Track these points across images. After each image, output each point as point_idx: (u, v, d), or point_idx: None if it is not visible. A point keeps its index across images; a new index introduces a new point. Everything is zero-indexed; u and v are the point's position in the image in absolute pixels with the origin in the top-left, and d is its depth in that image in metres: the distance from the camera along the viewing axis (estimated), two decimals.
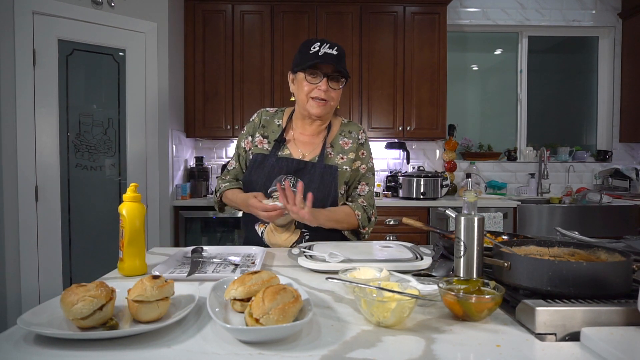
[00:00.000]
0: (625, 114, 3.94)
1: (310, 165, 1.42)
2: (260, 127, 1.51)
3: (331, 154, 1.47)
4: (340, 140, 1.49)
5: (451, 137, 3.84)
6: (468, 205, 0.93)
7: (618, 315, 0.70)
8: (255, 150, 1.49)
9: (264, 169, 1.43)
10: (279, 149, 1.46)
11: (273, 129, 1.51)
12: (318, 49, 1.33)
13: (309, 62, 1.33)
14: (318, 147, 1.47)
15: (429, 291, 0.87)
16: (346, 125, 1.53)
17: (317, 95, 1.36)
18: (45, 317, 0.74)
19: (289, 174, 1.42)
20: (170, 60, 3.13)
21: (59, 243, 2.63)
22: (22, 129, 2.47)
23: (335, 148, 1.48)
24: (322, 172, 1.42)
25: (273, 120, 1.53)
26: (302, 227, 1.44)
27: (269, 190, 1.42)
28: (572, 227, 2.58)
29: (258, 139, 1.50)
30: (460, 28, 3.98)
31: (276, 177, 1.41)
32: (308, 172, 1.41)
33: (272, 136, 1.49)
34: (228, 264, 1.18)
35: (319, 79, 1.35)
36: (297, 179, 1.41)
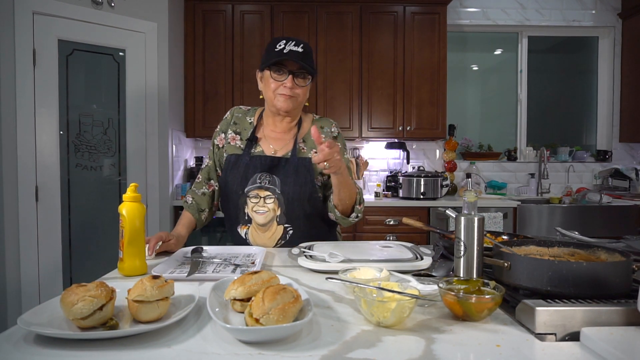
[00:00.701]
0: (625, 114, 3.94)
1: (284, 161, 1.43)
2: (232, 124, 1.53)
3: (304, 149, 1.48)
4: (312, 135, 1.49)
5: (451, 137, 3.84)
6: (468, 205, 0.93)
7: (618, 315, 0.70)
8: (228, 149, 1.49)
9: (238, 169, 1.43)
10: (251, 147, 1.46)
11: (245, 126, 1.52)
12: (284, 46, 1.34)
13: (275, 58, 1.34)
14: (290, 143, 1.48)
15: (429, 291, 0.87)
16: (318, 121, 1.54)
17: (283, 92, 1.38)
18: (45, 317, 0.74)
19: (264, 171, 1.42)
20: (170, 60, 3.13)
21: (59, 243, 2.63)
22: (22, 129, 2.47)
23: (308, 143, 1.49)
24: (296, 166, 1.42)
25: (245, 117, 1.54)
26: (283, 223, 1.44)
27: (246, 190, 1.42)
28: (572, 227, 2.58)
29: (231, 136, 1.50)
30: (460, 28, 3.98)
31: (251, 175, 1.42)
32: (282, 167, 1.42)
33: (245, 134, 1.50)
34: (228, 264, 1.18)
35: (284, 76, 1.37)
36: (272, 175, 1.42)
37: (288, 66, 1.36)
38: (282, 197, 1.41)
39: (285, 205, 1.42)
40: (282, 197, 1.41)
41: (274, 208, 1.42)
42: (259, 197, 1.42)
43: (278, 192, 1.41)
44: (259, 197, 1.42)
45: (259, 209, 1.42)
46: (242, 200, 1.44)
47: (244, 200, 1.44)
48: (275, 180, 1.41)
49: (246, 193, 1.42)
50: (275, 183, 1.41)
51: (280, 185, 1.41)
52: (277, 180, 1.41)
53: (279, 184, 1.41)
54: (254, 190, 1.42)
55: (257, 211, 1.43)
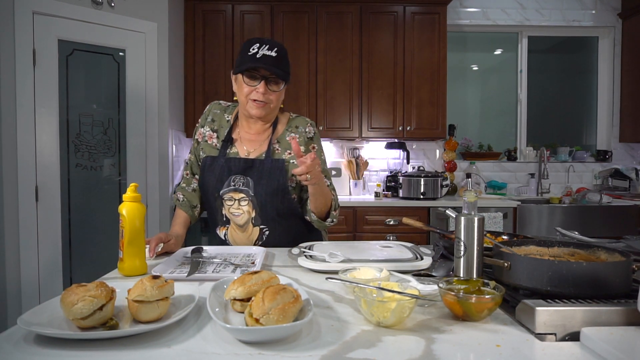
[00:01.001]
0: (625, 114, 3.94)
1: (258, 163, 1.41)
2: (210, 121, 1.51)
3: (278, 149, 1.46)
4: (287, 136, 1.47)
5: (451, 137, 3.84)
6: (468, 205, 0.93)
7: (618, 315, 0.70)
8: (205, 146, 1.48)
9: (214, 171, 1.42)
10: (227, 148, 1.45)
11: (222, 124, 1.50)
12: (257, 50, 1.31)
13: (247, 64, 1.31)
14: (264, 144, 1.46)
15: (429, 291, 0.87)
16: (293, 121, 1.51)
17: (255, 97, 1.35)
18: (46, 317, 0.74)
19: (238, 173, 1.41)
20: (170, 60, 3.13)
21: (59, 243, 2.63)
22: (22, 129, 2.47)
23: (282, 144, 1.46)
24: (270, 167, 1.41)
25: (223, 114, 1.52)
26: (259, 225, 1.45)
27: (221, 192, 1.42)
28: (572, 227, 2.58)
29: (208, 134, 1.49)
30: (460, 28, 3.98)
31: (226, 178, 1.41)
32: (256, 169, 1.41)
33: (222, 132, 1.49)
34: (228, 264, 1.18)
35: (257, 81, 1.33)
36: (245, 177, 1.41)
37: (261, 71, 1.32)
38: (255, 199, 1.40)
39: (259, 207, 1.42)
40: (255, 199, 1.40)
41: (249, 210, 1.42)
42: (233, 199, 1.42)
43: (251, 194, 1.40)
44: (234, 199, 1.42)
45: (234, 211, 1.43)
46: (219, 203, 1.44)
47: (220, 203, 1.44)
48: (249, 182, 1.41)
49: (221, 195, 1.42)
50: (248, 185, 1.41)
51: (253, 187, 1.40)
52: (251, 182, 1.40)
53: (252, 186, 1.40)
54: (229, 192, 1.42)
55: (233, 213, 1.43)
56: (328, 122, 3.53)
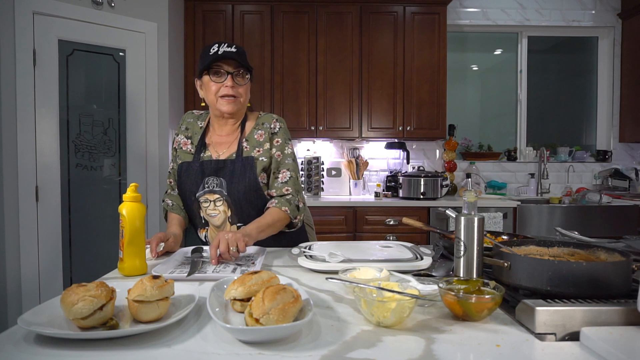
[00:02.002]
0: (625, 114, 3.94)
1: (229, 163, 1.45)
2: (184, 130, 1.56)
3: (247, 147, 1.48)
4: (255, 134, 1.50)
5: (451, 137, 3.84)
6: (468, 205, 0.93)
7: (618, 315, 0.70)
8: (181, 154, 1.53)
9: (190, 175, 1.46)
10: (200, 153, 1.49)
11: (196, 131, 1.55)
12: (217, 49, 1.37)
13: (209, 61, 1.37)
14: (233, 144, 1.49)
15: (429, 291, 0.87)
16: (260, 118, 1.54)
17: (224, 92, 1.39)
18: (46, 317, 0.74)
19: (211, 175, 1.45)
20: (170, 60, 3.13)
21: (59, 243, 2.63)
22: (22, 129, 2.47)
23: (250, 142, 1.49)
24: (241, 165, 1.44)
25: (196, 122, 1.58)
26: (236, 223, 1.47)
27: (197, 195, 1.45)
28: (572, 227, 2.58)
29: (183, 141, 1.54)
30: (460, 28, 3.99)
31: (201, 181, 1.44)
32: (228, 169, 1.44)
33: (195, 138, 1.54)
34: (228, 264, 1.18)
35: (223, 77, 1.39)
36: (219, 178, 1.44)
37: (224, 67, 1.38)
38: (229, 198, 1.43)
39: (234, 206, 1.44)
40: (229, 198, 1.43)
41: (225, 210, 1.45)
42: (208, 200, 1.45)
43: (225, 193, 1.43)
44: (209, 200, 1.45)
45: (211, 212, 1.46)
46: (196, 206, 1.47)
47: (197, 205, 1.47)
48: (222, 182, 1.44)
49: (197, 198, 1.46)
50: (222, 185, 1.44)
51: (226, 187, 1.43)
52: (224, 182, 1.44)
53: (225, 186, 1.43)
54: (204, 194, 1.45)
55: (210, 214, 1.46)
56: (328, 122, 3.53)
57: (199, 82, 1.49)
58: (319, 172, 3.59)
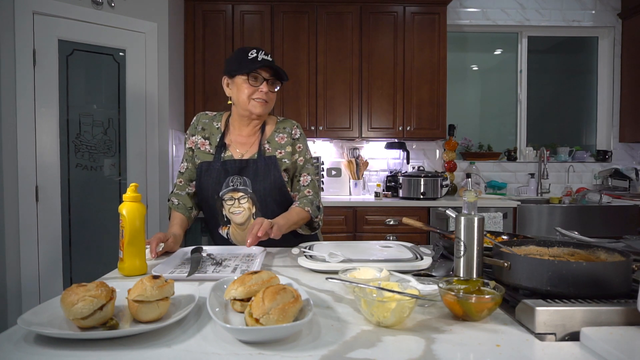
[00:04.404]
0: (625, 114, 3.94)
1: (251, 162, 1.51)
2: (200, 130, 1.59)
3: (269, 149, 1.55)
4: (276, 137, 1.57)
5: (451, 137, 3.84)
6: (468, 205, 0.93)
7: (618, 315, 0.70)
8: (199, 153, 1.56)
9: (211, 174, 1.51)
10: (221, 153, 1.54)
11: (212, 132, 1.59)
12: (256, 55, 1.44)
13: (250, 67, 1.43)
14: (255, 145, 1.55)
15: (429, 291, 0.87)
16: (281, 123, 1.61)
17: (258, 96, 1.46)
18: (46, 317, 0.74)
19: (234, 174, 1.50)
20: (170, 60, 3.13)
21: (59, 243, 2.63)
22: (22, 129, 2.47)
23: (272, 144, 1.56)
24: (263, 164, 1.51)
25: (212, 123, 1.61)
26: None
27: (220, 193, 1.50)
28: (572, 227, 2.58)
29: (200, 141, 1.57)
30: (460, 28, 3.99)
31: (224, 179, 1.50)
32: (251, 168, 1.50)
33: (213, 139, 1.57)
34: (228, 264, 1.18)
35: (259, 82, 1.46)
36: (242, 177, 1.50)
37: (263, 74, 1.45)
38: (254, 195, 1.49)
39: (259, 203, 1.51)
40: (254, 196, 1.49)
41: (249, 207, 1.51)
42: (233, 198, 1.51)
43: (250, 191, 1.49)
44: (233, 198, 1.51)
45: (235, 210, 1.51)
46: (219, 204, 1.52)
47: (220, 204, 1.52)
48: (246, 181, 1.50)
49: (221, 197, 1.51)
50: (246, 184, 1.50)
51: (251, 185, 1.49)
52: (248, 180, 1.50)
53: (250, 184, 1.50)
54: (228, 192, 1.50)
55: (233, 212, 1.51)
56: (328, 122, 3.53)
57: (227, 80, 1.53)
58: (319, 172, 3.59)
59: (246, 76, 1.44)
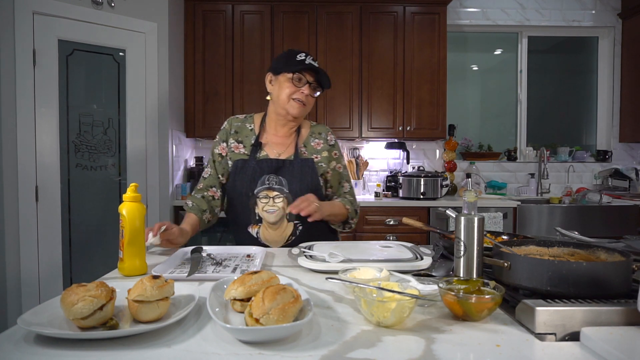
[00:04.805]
0: (625, 114, 3.94)
1: (288, 163, 1.53)
2: (233, 134, 1.60)
3: (305, 152, 1.58)
4: (311, 141, 1.61)
5: (451, 137, 3.84)
6: (468, 205, 0.93)
7: (618, 315, 0.70)
8: (233, 156, 1.56)
9: (246, 172, 1.51)
10: (256, 152, 1.55)
11: (246, 134, 1.59)
12: (304, 58, 1.47)
13: (297, 67, 1.45)
14: (291, 147, 1.58)
15: (429, 291, 0.87)
16: (315, 127, 1.65)
17: (298, 97, 1.48)
18: (46, 317, 0.74)
19: (270, 173, 1.51)
20: (170, 60, 3.13)
21: (59, 243, 2.63)
22: (22, 129, 2.47)
23: (308, 148, 1.59)
24: (300, 166, 1.53)
25: (244, 125, 1.62)
26: (293, 220, 1.52)
27: (255, 191, 1.50)
28: (572, 227, 2.58)
29: (233, 145, 1.58)
30: (460, 28, 3.98)
31: (259, 178, 1.51)
32: (287, 169, 1.52)
33: (247, 140, 1.58)
34: (228, 264, 1.18)
35: (302, 83, 1.48)
36: (278, 177, 1.51)
37: (306, 77, 1.48)
38: (290, 195, 1.50)
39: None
40: (290, 196, 1.50)
41: (283, 207, 1.51)
42: (268, 197, 1.51)
43: (286, 191, 1.50)
44: (269, 197, 1.51)
45: (269, 209, 1.50)
46: (252, 202, 1.52)
47: (254, 202, 1.52)
48: (282, 180, 1.51)
49: (256, 194, 1.51)
50: (282, 183, 1.51)
51: (287, 185, 1.50)
52: (284, 180, 1.51)
53: (286, 184, 1.51)
54: (263, 191, 1.51)
55: (267, 210, 1.51)
56: (328, 122, 3.53)
57: (270, 77, 1.55)
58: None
59: (291, 75, 1.46)
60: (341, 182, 1.67)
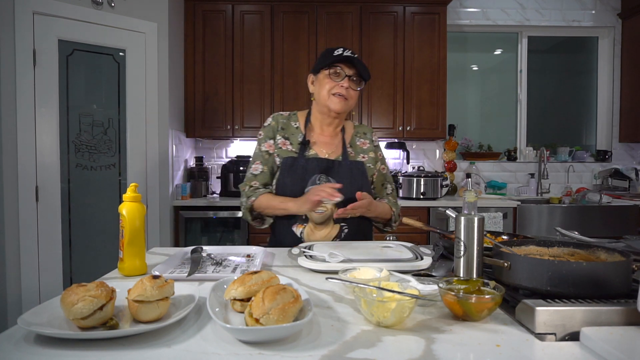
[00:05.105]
0: (624, 114, 3.94)
1: (337, 164, 1.51)
2: (280, 130, 1.57)
3: (352, 153, 1.58)
4: (357, 141, 1.61)
5: (451, 137, 3.84)
6: (468, 205, 0.93)
7: (618, 315, 0.70)
8: (281, 153, 1.54)
9: (296, 170, 1.50)
10: (305, 151, 1.53)
11: (292, 132, 1.57)
12: (341, 52, 1.45)
13: (332, 60, 1.43)
14: (338, 147, 1.57)
15: (429, 291, 0.87)
16: (359, 127, 1.65)
17: (338, 91, 1.45)
18: (46, 317, 0.74)
19: (321, 172, 1.50)
20: (170, 60, 3.13)
21: (59, 243, 2.63)
22: (22, 129, 2.47)
23: (354, 148, 1.59)
24: (349, 168, 1.52)
25: (289, 123, 1.60)
26: (340, 222, 1.50)
27: (305, 190, 1.47)
28: (572, 227, 2.58)
29: (281, 141, 1.55)
30: (460, 28, 3.98)
31: (309, 177, 1.49)
32: (336, 170, 1.51)
33: (293, 138, 1.56)
34: (228, 264, 1.18)
35: (340, 77, 1.46)
36: (327, 177, 1.50)
37: (345, 70, 1.45)
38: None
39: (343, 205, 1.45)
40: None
41: (332, 207, 1.48)
42: None
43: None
44: None
45: (317, 209, 1.46)
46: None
47: None
48: (331, 181, 1.48)
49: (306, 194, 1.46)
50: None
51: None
52: (333, 181, 1.48)
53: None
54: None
55: (315, 211, 1.46)
56: None
57: (312, 78, 1.55)
58: None
59: (328, 71, 1.45)
60: (384, 183, 1.66)
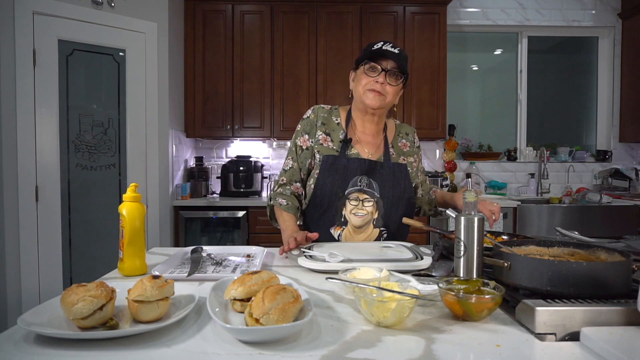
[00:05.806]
0: (625, 114, 3.94)
1: (379, 165, 1.45)
2: (320, 125, 1.49)
3: (394, 154, 1.51)
4: (399, 142, 1.55)
5: (451, 137, 3.84)
6: (468, 205, 0.93)
7: (618, 315, 0.70)
8: (322, 150, 1.47)
9: (337, 170, 1.43)
10: (346, 149, 1.45)
11: (333, 127, 1.50)
12: (380, 46, 1.37)
13: (370, 54, 1.37)
14: (380, 147, 1.50)
15: (429, 291, 0.87)
16: (401, 127, 1.59)
17: (372, 87, 1.38)
18: (46, 317, 0.74)
19: (363, 174, 1.43)
20: (170, 60, 3.13)
21: (59, 243, 2.63)
22: (22, 129, 2.47)
23: (396, 149, 1.53)
24: (392, 171, 1.45)
25: (330, 117, 1.52)
26: (380, 226, 1.47)
27: (346, 192, 1.43)
28: (572, 227, 2.58)
29: (322, 137, 1.48)
30: (460, 28, 3.98)
31: (350, 178, 1.43)
32: (378, 171, 1.44)
33: (334, 135, 1.48)
34: (228, 264, 1.18)
35: (377, 72, 1.38)
36: (369, 179, 1.43)
37: (382, 64, 1.37)
38: (381, 201, 1.43)
39: (384, 209, 1.44)
40: (381, 201, 1.43)
41: (372, 211, 1.44)
42: (358, 199, 1.43)
43: (377, 195, 1.43)
44: (359, 199, 1.43)
45: (357, 212, 1.43)
46: (342, 202, 1.44)
47: (343, 202, 1.44)
48: (373, 184, 1.44)
49: (347, 195, 1.43)
50: (373, 187, 1.44)
51: (378, 190, 1.43)
52: (375, 184, 1.44)
53: (377, 188, 1.43)
54: (355, 192, 1.43)
55: (355, 214, 1.43)
56: None
57: (352, 75, 1.49)
58: None
59: (364, 66, 1.39)
60: (425, 179, 1.66)
